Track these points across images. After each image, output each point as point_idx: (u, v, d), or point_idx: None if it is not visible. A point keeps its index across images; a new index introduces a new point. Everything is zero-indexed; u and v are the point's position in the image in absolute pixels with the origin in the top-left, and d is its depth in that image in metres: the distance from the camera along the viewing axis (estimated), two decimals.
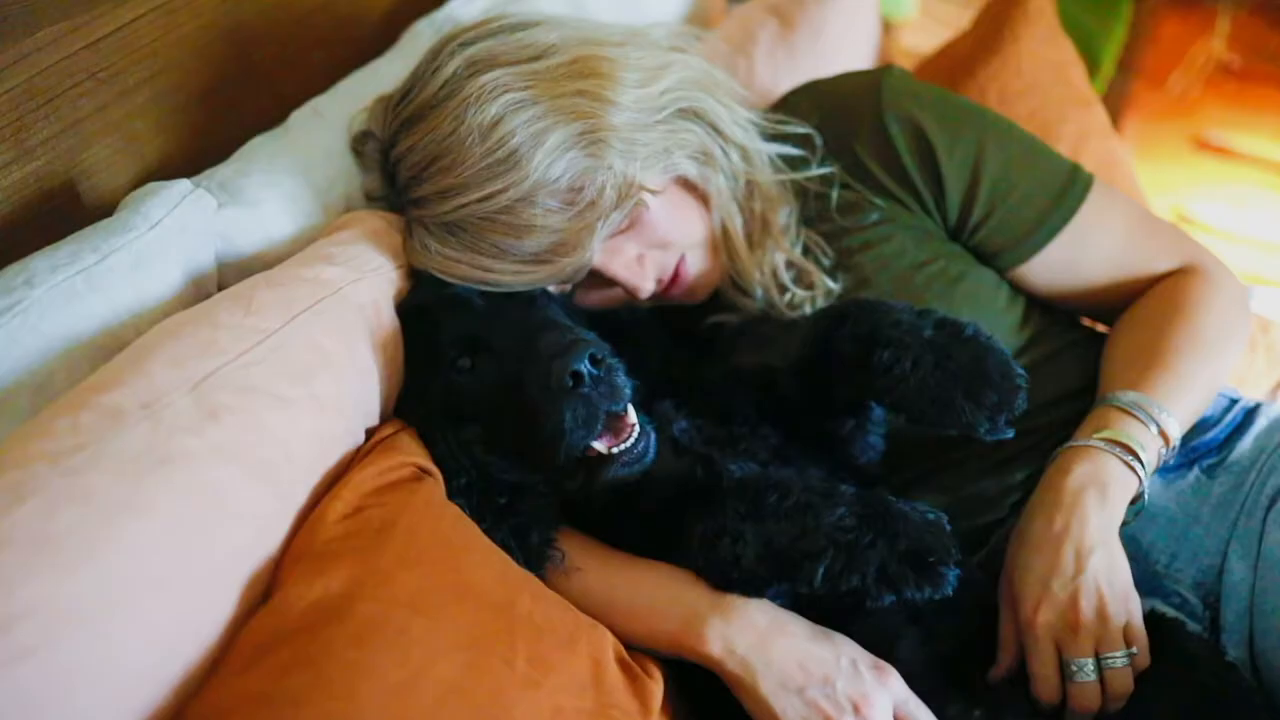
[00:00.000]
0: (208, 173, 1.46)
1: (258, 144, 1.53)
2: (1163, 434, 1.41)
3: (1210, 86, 3.43)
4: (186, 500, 1.06)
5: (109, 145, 1.44)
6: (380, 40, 1.78)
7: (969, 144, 1.56)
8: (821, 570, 1.21)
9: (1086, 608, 1.30)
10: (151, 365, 1.14)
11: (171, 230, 1.32)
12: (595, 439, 1.28)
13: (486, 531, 1.28)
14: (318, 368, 1.25)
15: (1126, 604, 1.32)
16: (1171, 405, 1.43)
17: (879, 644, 1.30)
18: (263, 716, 0.98)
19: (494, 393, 1.32)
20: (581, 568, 1.34)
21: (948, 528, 1.25)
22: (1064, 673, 1.31)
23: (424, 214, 1.42)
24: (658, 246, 1.51)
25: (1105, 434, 1.40)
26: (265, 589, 1.13)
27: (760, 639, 1.25)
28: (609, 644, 1.25)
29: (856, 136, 1.59)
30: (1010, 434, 1.30)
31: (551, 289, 1.49)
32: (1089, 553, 1.32)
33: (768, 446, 1.43)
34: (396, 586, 1.11)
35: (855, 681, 1.23)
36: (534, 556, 1.32)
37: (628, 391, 1.29)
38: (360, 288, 1.36)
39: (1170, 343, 1.49)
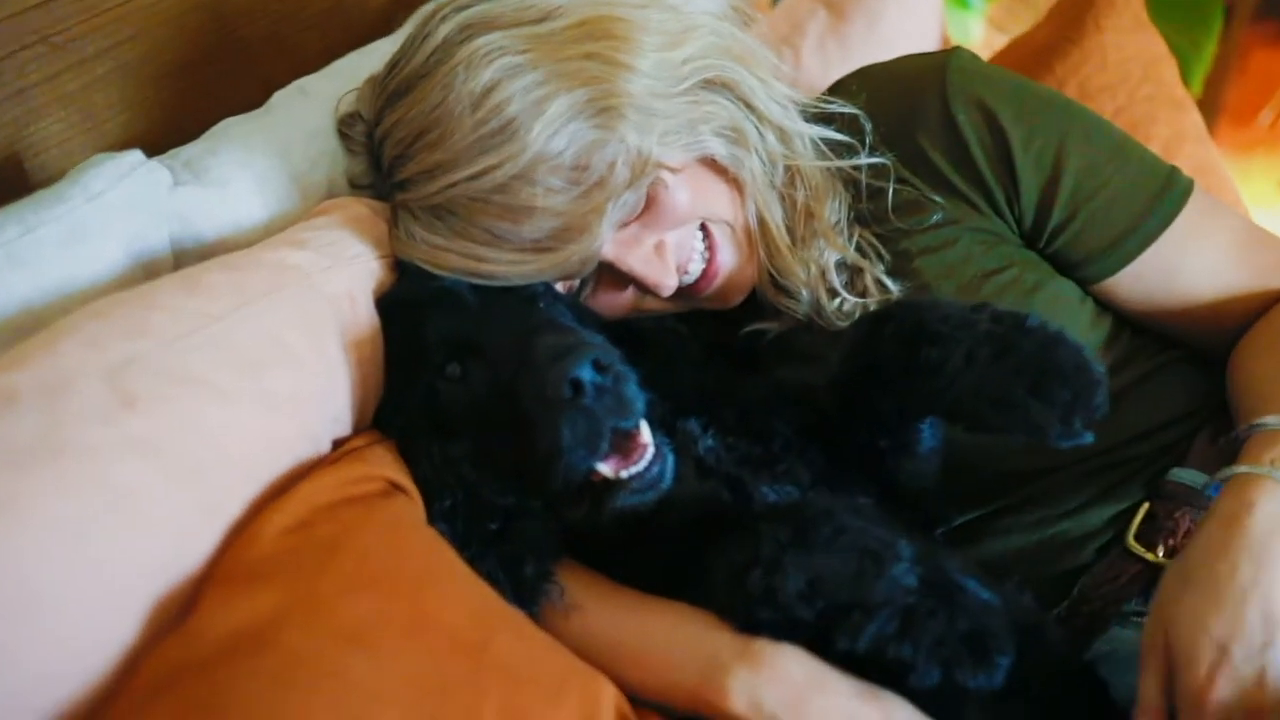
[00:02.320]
0: (172, 152, 1.33)
1: (232, 123, 1.39)
2: None
3: None
4: (82, 500, 0.90)
5: (61, 119, 1.32)
6: (383, 27, 1.63)
7: (1049, 136, 1.38)
8: (873, 629, 1.04)
9: (1276, 691, 1.05)
10: (65, 345, 0.99)
11: (115, 205, 1.19)
12: (600, 460, 1.12)
13: (471, 561, 1.12)
14: (271, 361, 1.09)
15: None
16: None
17: (938, 710, 1.11)
18: None
19: (485, 404, 1.17)
20: (582, 606, 1.19)
21: (1003, 611, 1.09)
22: None
23: (409, 197, 1.27)
24: (677, 227, 1.34)
25: None
26: (182, 613, 0.95)
27: (795, 695, 1.06)
28: (609, 697, 1.06)
29: (919, 124, 1.41)
30: (1088, 439, 1.09)
31: (559, 287, 1.33)
32: None
33: (811, 471, 1.27)
34: (336, 616, 0.93)
35: None
36: (526, 591, 1.16)
37: (640, 405, 1.13)
38: (333, 277, 1.21)
39: None
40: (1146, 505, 1.32)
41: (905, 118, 1.42)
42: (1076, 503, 1.34)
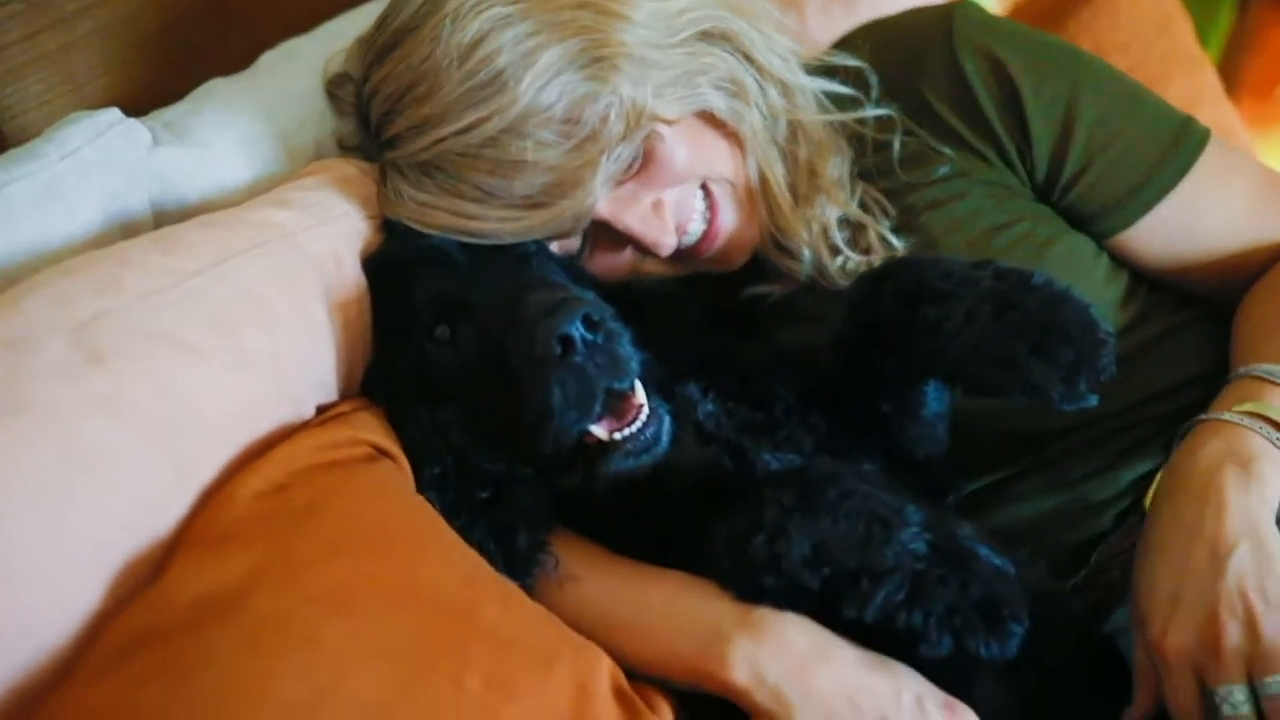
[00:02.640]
0: (155, 113, 1.29)
1: (216, 84, 1.35)
2: None
3: None
4: (46, 458, 0.87)
5: (41, 80, 1.29)
6: None
7: (1059, 85, 1.34)
8: (881, 596, 1.00)
9: (1229, 622, 1.02)
10: (30, 302, 0.96)
11: (90, 163, 1.15)
12: (593, 422, 1.08)
13: (461, 530, 1.09)
14: (249, 320, 1.06)
15: None
16: None
17: (950, 681, 1.08)
18: None
19: (475, 366, 1.13)
20: (578, 576, 1.14)
21: (1016, 578, 1.06)
22: (1208, 707, 1.03)
23: (398, 155, 1.23)
24: (675, 185, 1.29)
25: (1246, 406, 1.14)
26: (151, 577, 0.91)
27: (798, 665, 1.03)
28: (604, 669, 1.02)
29: (924, 75, 1.38)
30: (1092, 401, 1.06)
31: (555, 249, 1.28)
32: (1230, 549, 1.04)
33: (814, 437, 1.22)
34: (310, 579, 0.90)
35: None
36: (519, 562, 1.12)
37: (634, 364, 1.09)
38: (317, 236, 1.17)
39: None
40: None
41: (909, 69, 1.38)
42: (1094, 466, 1.31)
